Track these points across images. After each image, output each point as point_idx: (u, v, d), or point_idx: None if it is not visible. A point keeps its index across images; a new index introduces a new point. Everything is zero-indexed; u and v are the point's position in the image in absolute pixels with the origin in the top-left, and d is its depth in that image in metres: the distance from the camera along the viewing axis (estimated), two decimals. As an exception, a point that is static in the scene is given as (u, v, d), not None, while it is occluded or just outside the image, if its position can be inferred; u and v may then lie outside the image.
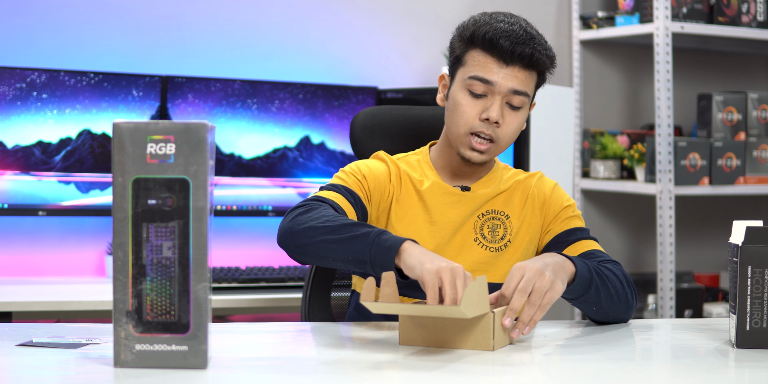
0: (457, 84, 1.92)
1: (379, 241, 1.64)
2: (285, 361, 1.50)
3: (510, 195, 1.99)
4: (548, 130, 3.08)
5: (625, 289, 1.83)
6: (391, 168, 1.97)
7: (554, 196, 2.01)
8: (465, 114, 1.89)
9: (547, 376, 1.45)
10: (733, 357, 1.57)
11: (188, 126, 1.37)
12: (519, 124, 1.92)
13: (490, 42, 1.86)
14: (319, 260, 1.73)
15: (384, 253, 1.63)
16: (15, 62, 3.06)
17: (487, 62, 1.88)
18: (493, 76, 1.87)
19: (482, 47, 1.88)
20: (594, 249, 1.94)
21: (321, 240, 1.70)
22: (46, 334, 1.61)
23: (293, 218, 1.75)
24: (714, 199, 4.07)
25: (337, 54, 3.49)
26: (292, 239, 1.73)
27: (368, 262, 1.64)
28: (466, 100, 1.89)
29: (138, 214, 1.38)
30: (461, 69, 1.91)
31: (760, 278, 1.59)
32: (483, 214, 1.97)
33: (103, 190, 3.05)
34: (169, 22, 3.31)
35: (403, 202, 1.96)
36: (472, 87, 1.89)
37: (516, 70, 1.88)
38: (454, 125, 1.92)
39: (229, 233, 3.32)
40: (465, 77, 1.90)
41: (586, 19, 3.85)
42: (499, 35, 1.86)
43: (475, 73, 1.88)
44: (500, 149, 1.93)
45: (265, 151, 3.21)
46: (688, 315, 3.65)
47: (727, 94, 3.72)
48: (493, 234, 1.96)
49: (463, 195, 1.97)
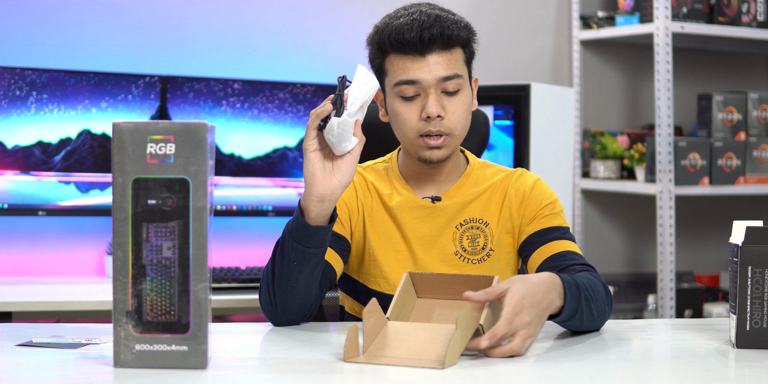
0: (389, 94, 1.86)
1: (289, 227, 1.72)
2: (285, 361, 1.50)
3: (487, 200, 1.91)
4: (548, 130, 3.08)
5: (605, 308, 1.75)
6: (356, 181, 1.93)
7: (534, 193, 1.91)
8: (407, 120, 1.83)
9: (547, 375, 1.45)
10: (733, 357, 1.57)
11: (188, 126, 1.37)
12: (465, 108, 1.84)
13: (397, 42, 1.80)
14: (293, 288, 1.73)
15: (294, 225, 1.71)
16: (15, 62, 3.06)
17: (404, 62, 1.81)
18: (416, 74, 1.80)
19: (393, 50, 1.82)
20: (567, 250, 1.85)
21: (274, 280, 1.73)
22: (46, 334, 1.61)
23: (259, 296, 1.79)
24: (714, 199, 4.07)
25: (337, 54, 3.49)
26: (269, 307, 1.76)
27: (298, 243, 1.70)
28: (402, 107, 1.83)
29: (138, 214, 1.38)
30: (386, 79, 1.85)
31: (760, 278, 1.59)
32: (461, 224, 1.90)
33: (103, 190, 3.05)
34: (169, 22, 3.32)
35: (376, 219, 1.91)
36: (403, 92, 1.82)
37: (436, 57, 1.81)
38: (402, 134, 1.85)
39: (229, 233, 3.32)
40: (392, 85, 1.84)
41: (586, 19, 3.85)
42: (401, 31, 1.79)
43: (399, 77, 1.82)
44: (458, 139, 1.85)
45: (265, 151, 3.21)
46: (688, 315, 3.65)
47: (727, 94, 3.72)
48: (474, 245, 1.89)
49: (434, 207, 1.90)
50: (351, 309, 1.96)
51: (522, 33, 3.80)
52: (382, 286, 1.89)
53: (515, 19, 3.77)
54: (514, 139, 3.07)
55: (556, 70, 3.89)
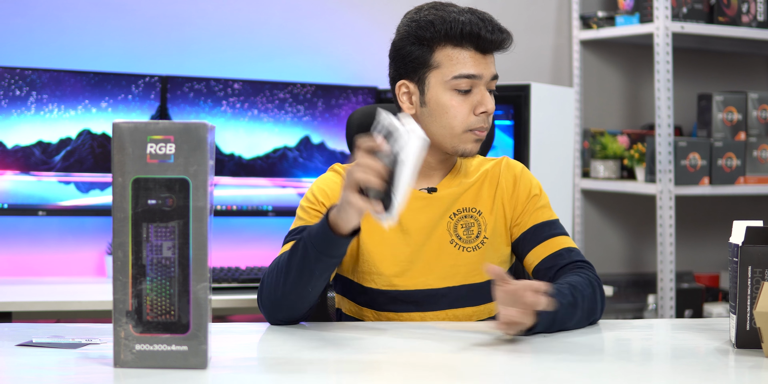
0: (438, 87, 1.87)
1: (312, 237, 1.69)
2: (285, 361, 1.50)
3: (479, 189, 1.95)
4: (548, 130, 3.08)
5: (593, 309, 1.79)
6: None
7: (522, 183, 1.96)
8: (459, 114, 1.86)
9: (547, 375, 1.45)
10: (733, 357, 1.57)
11: (188, 126, 1.37)
12: None
13: (468, 36, 1.85)
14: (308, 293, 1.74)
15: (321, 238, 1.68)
16: (15, 62, 3.06)
17: (465, 57, 1.85)
18: (478, 69, 1.86)
19: (454, 44, 1.85)
20: (562, 248, 1.90)
21: (287, 284, 1.73)
22: (46, 334, 1.61)
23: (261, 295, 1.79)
24: (714, 199, 4.07)
25: (337, 54, 3.49)
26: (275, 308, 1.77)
27: (323, 254, 1.69)
28: (455, 100, 1.86)
29: (138, 214, 1.38)
30: (435, 71, 1.87)
31: (760, 278, 1.59)
32: (454, 213, 1.93)
33: (103, 190, 3.05)
34: (169, 22, 3.32)
35: (369, 215, 1.92)
36: (459, 85, 1.86)
37: (491, 57, 1.89)
38: (448, 128, 1.87)
39: (229, 233, 3.32)
40: (447, 78, 1.86)
41: (586, 19, 3.85)
42: (478, 27, 1.85)
43: (459, 71, 1.85)
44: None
45: (265, 151, 3.21)
46: (688, 315, 3.65)
47: (727, 94, 3.72)
48: (468, 233, 1.92)
49: (431, 198, 1.93)
50: (348, 310, 1.96)
51: (522, 33, 3.79)
52: (377, 283, 1.90)
53: (515, 19, 3.77)
54: (514, 139, 3.07)
55: (556, 70, 3.89)
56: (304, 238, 1.72)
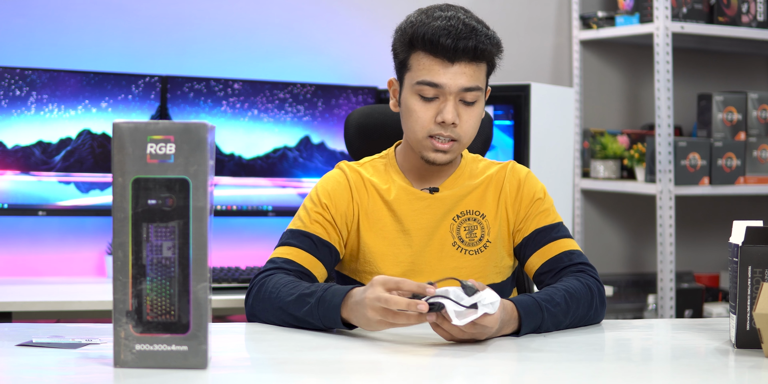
0: (407, 90, 1.87)
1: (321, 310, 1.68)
2: (285, 361, 1.50)
3: (483, 192, 1.94)
4: (548, 130, 3.08)
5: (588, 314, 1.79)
6: (351, 179, 1.94)
7: (526, 188, 1.94)
8: (420, 119, 1.84)
9: (547, 375, 1.45)
10: (733, 357, 1.57)
11: (188, 126, 1.37)
12: (477, 118, 1.87)
13: (430, 43, 1.80)
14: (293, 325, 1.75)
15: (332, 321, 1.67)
16: (15, 62, 3.06)
17: (431, 64, 1.82)
18: (441, 78, 1.81)
19: (424, 49, 1.82)
20: (563, 251, 1.88)
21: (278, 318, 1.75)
22: (46, 334, 1.61)
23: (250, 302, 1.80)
24: (714, 199, 4.07)
25: (337, 54, 3.49)
26: (259, 319, 1.79)
27: (325, 325, 1.69)
28: (418, 106, 1.85)
29: (138, 214, 1.38)
30: (408, 74, 1.86)
31: (760, 278, 1.59)
32: (458, 215, 1.92)
33: (103, 190, 3.05)
34: (169, 22, 3.32)
35: (372, 215, 1.92)
36: (422, 91, 1.84)
37: (463, 67, 1.82)
38: (411, 131, 1.87)
39: (229, 233, 3.32)
40: (413, 82, 1.84)
41: (586, 19, 3.85)
42: (438, 34, 1.79)
43: (422, 77, 1.83)
44: (463, 146, 1.88)
45: (265, 151, 3.21)
46: (688, 315, 3.65)
47: (727, 94, 3.72)
48: (471, 236, 1.91)
49: (433, 198, 1.92)
50: None
51: (522, 33, 3.79)
52: None
53: (515, 19, 3.77)
54: (514, 139, 3.07)
55: (556, 70, 3.89)
56: (318, 301, 1.69)
